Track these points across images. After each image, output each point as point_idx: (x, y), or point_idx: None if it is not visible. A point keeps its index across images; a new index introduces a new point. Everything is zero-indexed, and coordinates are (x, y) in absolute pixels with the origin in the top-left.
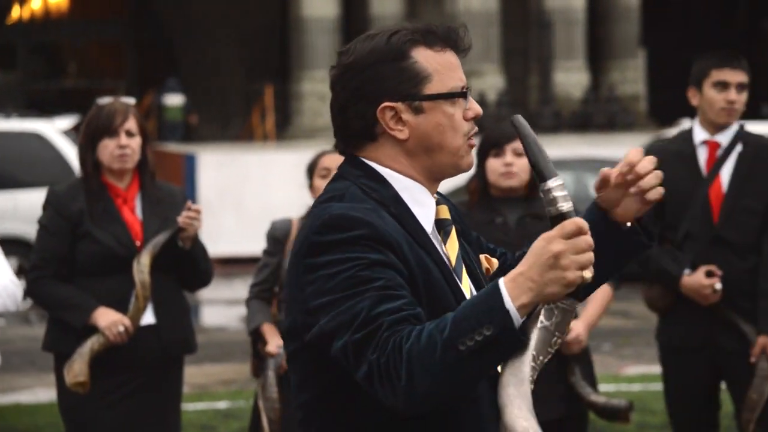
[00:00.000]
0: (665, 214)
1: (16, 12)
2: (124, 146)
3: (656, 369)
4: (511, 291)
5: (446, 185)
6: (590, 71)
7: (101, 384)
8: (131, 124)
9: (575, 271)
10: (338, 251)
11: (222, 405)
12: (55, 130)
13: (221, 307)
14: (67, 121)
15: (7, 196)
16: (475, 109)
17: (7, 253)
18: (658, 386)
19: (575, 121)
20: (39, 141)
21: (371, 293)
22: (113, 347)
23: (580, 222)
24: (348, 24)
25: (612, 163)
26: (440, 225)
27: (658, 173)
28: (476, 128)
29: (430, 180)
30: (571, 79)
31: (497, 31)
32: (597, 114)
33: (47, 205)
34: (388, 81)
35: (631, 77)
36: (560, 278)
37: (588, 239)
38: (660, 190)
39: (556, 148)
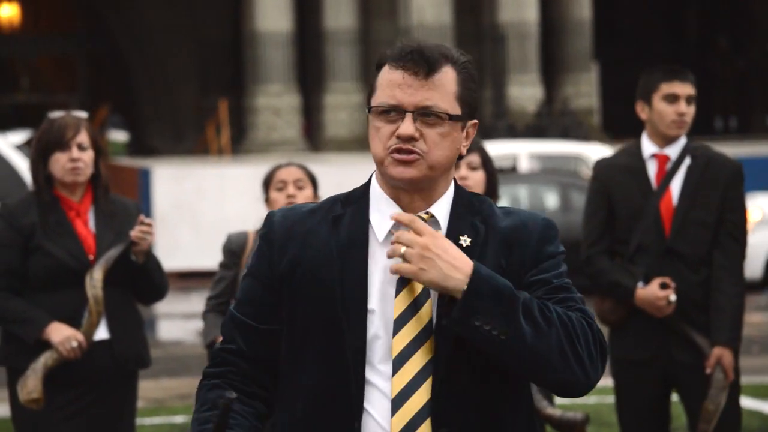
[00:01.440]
0: (616, 227)
1: None
2: (75, 159)
3: (612, 382)
4: None
5: None
6: (544, 85)
7: (55, 399)
8: (83, 137)
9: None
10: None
11: (179, 419)
12: (8, 145)
13: (178, 321)
14: (19, 136)
15: None
16: (402, 129)
17: None
18: (613, 399)
19: (529, 134)
20: None
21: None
22: (67, 362)
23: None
24: (302, 38)
25: (565, 176)
26: None
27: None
28: (398, 146)
29: (391, 188)
30: (524, 92)
31: (451, 44)
32: (551, 127)
33: None
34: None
35: (585, 91)
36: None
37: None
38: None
39: (511, 161)
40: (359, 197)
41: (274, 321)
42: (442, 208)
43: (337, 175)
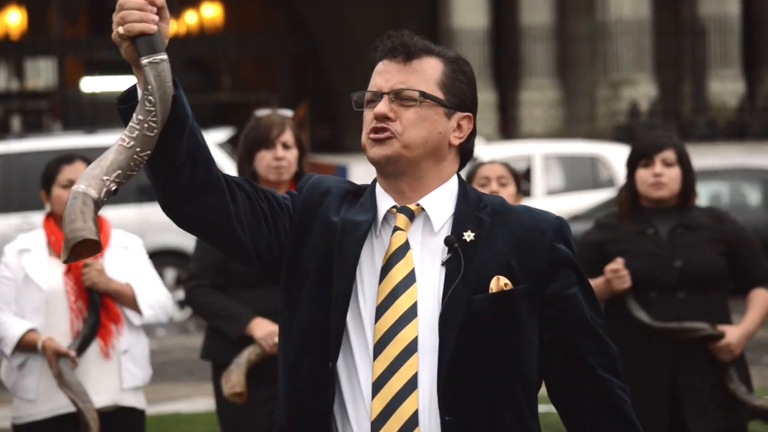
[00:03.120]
0: None
1: (171, 27)
2: (280, 158)
3: None
4: None
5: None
6: (746, 79)
7: (258, 394)
8: (288, 136)
9: (114, 28)
10: None
11: None
12: (210, 143)
13: None
14: (221, 134)
15: None
16: (376, 108)
17: (165, 264)
18: None
19: (731, 130)
20: None
21: None
22: (270, 358)
23: None
24: (498, 34)
25: None
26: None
27: None
28: (373, 125)
29: (381, 181)
30: (726, 87)
31: (649, 39)
32: (753, 123)
33: None
34: None
35: None
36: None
37: (121, 0)
38: None
39: (711, 157)
40: (366, 188)
41: (278, 218)
42: (435, 201)
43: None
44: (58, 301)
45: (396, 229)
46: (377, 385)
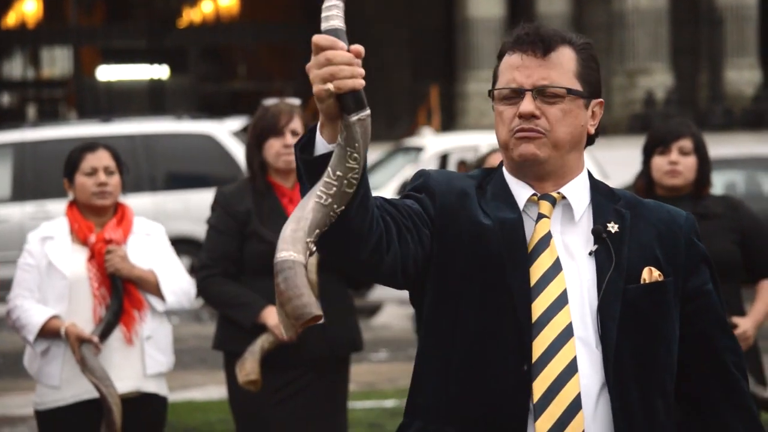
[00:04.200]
0: None
1: (187, 16)
2: (289, 146)
3: None
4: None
5: (612, 184)
6: (763, 68)
7: (271, 382)
8: (296, 124)
9: (318, 82)
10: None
11: (389, 403)
12: (226, 132)
13: (391, 307)
14: (237, 123)
15: (179, 196)
16: (522, 107)
17: (179, 253)
18: None
19: (747, 119)
20: (210, 142)
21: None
22: (282, 346)
23: (330, 38)
24: (514, 24)
25: None
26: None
27: None
28: (524, 125)
29: (516, 173)
30: (742, 76)
31: (666, 28)
32: None
33: (216, 206)
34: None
35: None
36: (314, 92)
37: (330, 53)
38: None
39: (728, 146)
40: (494, 176)
41: (424, 229)
42: (574, 190)
43: None
44: (81, 287)
45: (541, 216)
46: (537, 367)
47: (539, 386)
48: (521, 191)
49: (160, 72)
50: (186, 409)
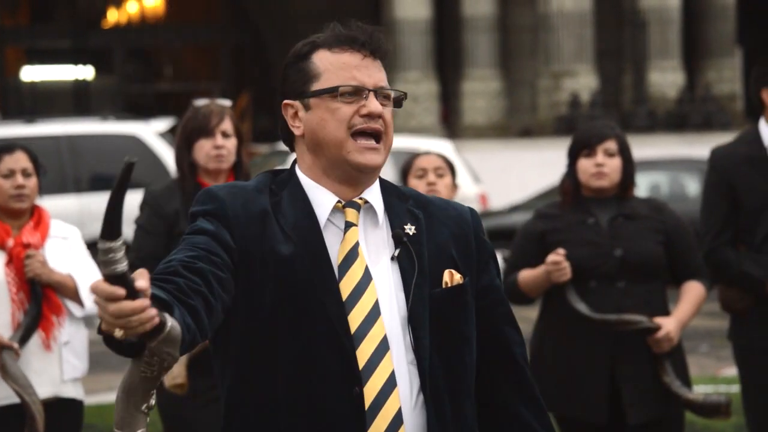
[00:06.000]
0: (740, 217)
1: (112, 16)
2: (219, 147)
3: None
4: None
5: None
6: (685, 71)
7: (197, 384)
8: (227, 125)
9: (107, 325)
10: (191, 220)
11: None
12: (152, 133)
13: None
14: (163, 124)
15: (105, 197)
16: (370, 106)
17: None
18: (739, 388)
19: (670, 120)
20: (135, 143)
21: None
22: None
23: (110, 290)
24: (440, 25)
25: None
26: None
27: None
28: (372, 124)
29: (332, 178)
30: (666, 78)
31: (591, 31)
32: (692, 114)
33: (144, 206)
34: (290, 80)
35: (728, 76)
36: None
37: (114, 307)
38: None
39: (651, 148)
40: (287, 182)
41: (228, 280)
42: (374, 193)
43: (475, 161)
44: None
45: (349, 225)
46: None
47: (366, 405)
48: (323, 198)
49: (85, 72)
50: (112, 411)
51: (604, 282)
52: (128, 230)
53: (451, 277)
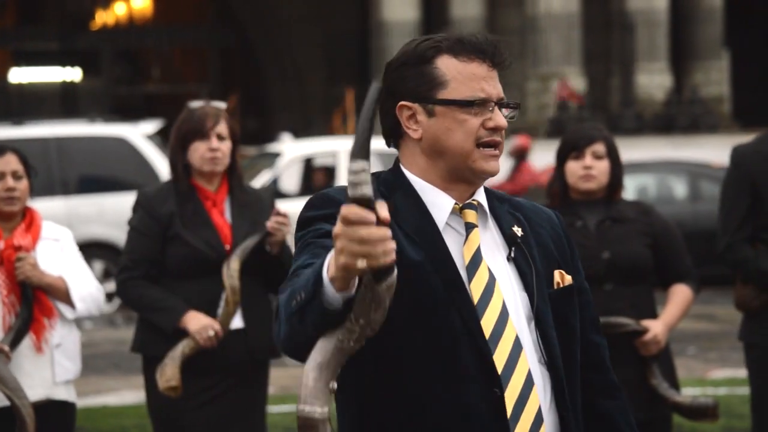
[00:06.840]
0: (760, 215)
1: (100, 18)
2: (215, 149)
3: (742, 373)
4: (329, 264)
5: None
6: (673, 73)
7: (190, 386)
8: (222, 127)
9: (348, 256)
10: (308, 226)
11: None
12: (140, 135)
13: None
14: (151, 126)
15: (92, 200)
16: (496, 120)
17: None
18: (744, 390)
19: (658, 123)
20: (123, 145)
21: (305, 252)
22: (203, 351)
23: (361, 213)
24: (428, 27)
25: (695, 165)
26: (467, 227)
27: None
28: (496, 138)
29: (449, 181)
30: (653, 81)
31: (579, 33)
32: (680, 116)
33: (138, 207)
34: (409, 82)
35: (715, 79)
36: (336, 259)
37: (364, 231)
38: None
39: (639, 150)
40: (394, 183)
41: None
42: (482, 195)
43: None
44: None
45: (470, 226)
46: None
47: (509, 407)
48: (440, 200)
49: (73, 74)
50: (100, 414)
51: (592, 285)
52: (113, 233)
53: (562, 278)
